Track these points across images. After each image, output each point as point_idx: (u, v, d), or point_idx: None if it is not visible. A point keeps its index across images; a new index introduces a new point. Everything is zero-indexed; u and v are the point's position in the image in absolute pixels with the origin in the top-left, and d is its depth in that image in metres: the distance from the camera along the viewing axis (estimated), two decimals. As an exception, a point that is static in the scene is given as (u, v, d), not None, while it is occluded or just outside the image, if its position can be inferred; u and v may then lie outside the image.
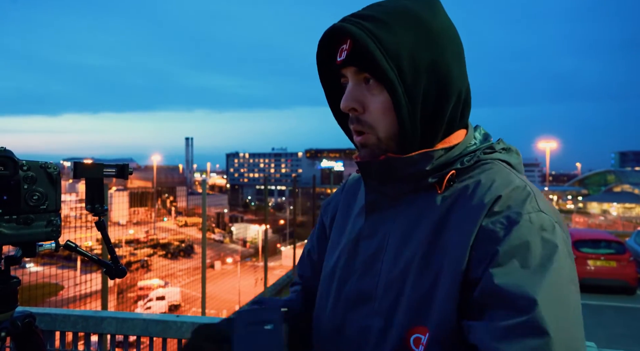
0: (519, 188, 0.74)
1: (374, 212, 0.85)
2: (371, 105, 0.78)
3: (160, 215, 20.92)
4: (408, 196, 0.81)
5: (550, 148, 36.17)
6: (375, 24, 0.75)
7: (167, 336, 1.75)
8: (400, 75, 0.73)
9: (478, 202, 0.73)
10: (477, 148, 0.81)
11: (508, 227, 0.69)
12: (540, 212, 0.71)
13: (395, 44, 0.73)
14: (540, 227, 0.69)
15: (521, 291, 0.64)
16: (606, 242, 11.09)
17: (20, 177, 0.94)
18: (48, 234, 0.98)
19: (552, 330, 0.61)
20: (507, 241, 0.68)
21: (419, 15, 0.76)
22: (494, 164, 0.79)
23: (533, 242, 0.67)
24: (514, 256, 0.67)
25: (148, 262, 14.74)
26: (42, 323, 1.80)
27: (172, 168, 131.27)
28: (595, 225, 35.63)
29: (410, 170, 0.78)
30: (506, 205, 0.71)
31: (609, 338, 7.42)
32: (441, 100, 0.77)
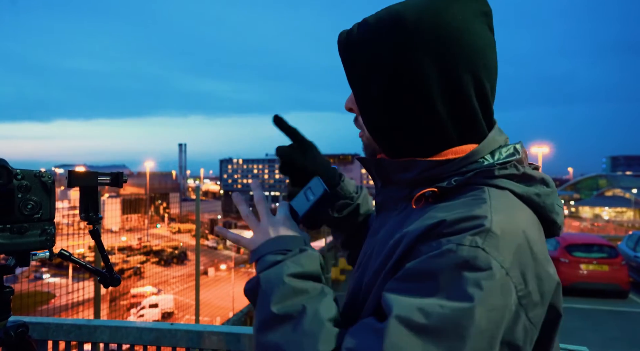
0: (476, 218, 0.61)
1: (381, 213, 0.88)
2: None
3: (153, 222, 20.80)
4: (403, 202, 0.80)
5: (543, 152, 36.41)
6: (358, 32, 0.77)
7: (161, 345, 1.74)
8: (366, 85, 0.76)
9: (421, 225, 0.65)
10: (479, 168, 0.70)
11: (429, 251, 0.60)
12: (479, 249, 0.58)
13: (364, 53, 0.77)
14: (464, 264, 0.57)
15: (393, 299, 0.59)
16: (598, 246, 11.16)
17: (14, 186, 0.94)
18: (42, 243, 0.98)
19: (387, 344, 0.55)
20: (418, 262, 0.60)
21: (405, 18, 0.73)
22: (484, 191, 0.67)
23: (442, 273, 0.58)
24: (413, 277, 0.60)
25: (141, 269, 14.61)
26: (34, 332, 1.78)
27: (165, 174, 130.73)
28: (587, 229, 35.85)
29: (400, 175, 0.77)
30: (447, 231, 0.61)
31: (602, 341, 7.45)
32: (414, 106, 0.71)
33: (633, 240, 12.62)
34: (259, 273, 0.75)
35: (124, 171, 1.14)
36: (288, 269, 0.72)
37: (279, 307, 0.69)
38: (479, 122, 0.73)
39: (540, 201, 0.70)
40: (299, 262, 0.73)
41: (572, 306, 9.84)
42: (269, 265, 0.74)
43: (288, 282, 0.71)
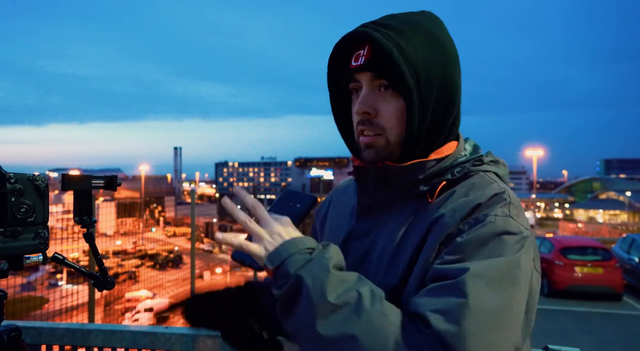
0: (497, 195, 0.77)
1: (367, 215, 0.89)
2: (384, 111, 0.82)
3: (148, 226, 20.69)
4: (400, 202, 0.85)
5: (537, 156, 36.58)
6: (397, 33, 0.78)
7: (156, 348, 1.73)
8: (418, 85, 0.78)
9: (459, 210, 0.77)
10: (467, 160, 0.85)
11: (473, 225, 0.74)
12: (510, 217, 0.74)
13: (415, 55, 0.78)
14: (503, 230, 0.72)
15: (458, 265, 0.70)
16: (593, 249, 11.21)
17: (8, 189, 0.94)
18: (36, 247, 0.98)
19: (471, 296, 0.65)
20: (466, 235, 0.73)
21: (432, 31, 0.81)
22: (481, 176, 0.83)
23: (490, 240, 0.72)
24: (467, 247, 0.72)
25: (136, 273, 14.53)
26: (27, 336, 1.77)
27: (160, 178, 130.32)
28: (581, 232, 36.02)
29: (404, 178, 0.83)
30: (478, 208, 0.76)
31: (596, 344, 7.48)
32: (446, 113, 0.82)
33: (627, 242, 12.68)
34: (294, 272, 0.70)
35: (119, 175, 1.14)
36: (329, 262, 0.71)
37: (335, 297, 0.68)
38: (458, 123, 0.87)
39: (507, 180, 0.88)
40: (331, 255, 0.73)
41: (566, 308, 9.87)
42: (304, 263, 0.71)
43: (334, 273, 0.70)
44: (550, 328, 8.31)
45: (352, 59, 0.84)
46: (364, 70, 0.82)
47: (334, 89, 0.93)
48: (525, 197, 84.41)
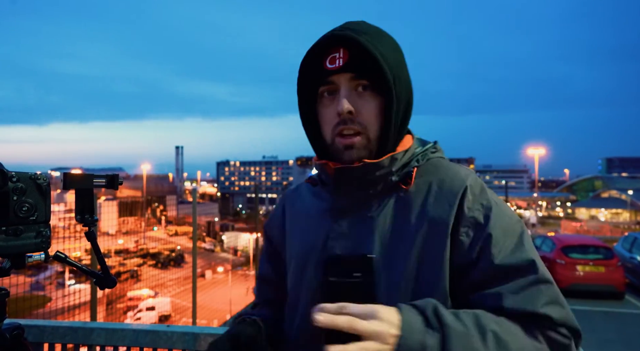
0: (475, 179, 0.89)
1: (344, 215, 0.91)
2: (364, 110, 0.86)
3: (150, 225, 20.71)
4: (377, 198, 0.90)
5: (539, 154, 36.51)
6: (372, 37, 0.84)
7: (158, 347, 1.74)
8: (395, 85, 0.84)
9: (448, 193, 0.86)
10: (425, 149, 0.95)
11: (485, 212, 0.84)
12: (494, 194, 0.89)
13: (389, 57, 0.84)
14: (502, 206, 0.87)
15: (523, 259, 0.80)
16: (594, 248, 11.18)
17: (9, 188, 0.94)
18: (37, 245, 0.98)
19: (549, 277, 0.81)
20: (490, 224, 0.82)
21: (393, 38, 0.91)
22: (440, 161, 0.94)
23: (506, 219, 0.84)
24: (502, 234, 0.82)
25: (138, 272, 14.56)
26: (30, 335, 1.78)
27: (162, 177, 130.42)
28: (583, 231, 35.96)
29: (380, 172, 0.88)
30: (474, 194, 0.85)
31: (598, 343, 7.48)
32: (408, 111, 0.91)
33: (629, 241, 12.66)
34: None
35: (121, 174, 1.14)
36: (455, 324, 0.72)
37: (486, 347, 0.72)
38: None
39: None
40: (450, 317, 0.73)
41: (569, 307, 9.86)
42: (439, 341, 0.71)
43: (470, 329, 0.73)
44: (551, 326, 8.29)
45: (325, 62, 0.87)
46: (343, 71, 0.85)
47: (303, 93, 0.95)
48: (527, 195, 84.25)
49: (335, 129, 0.88)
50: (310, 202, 1.01)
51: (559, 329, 0.77)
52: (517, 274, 0.79)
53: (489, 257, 0.80)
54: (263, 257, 1.12)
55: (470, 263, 0.81)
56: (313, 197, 1.01)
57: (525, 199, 75.72)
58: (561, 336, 0.77)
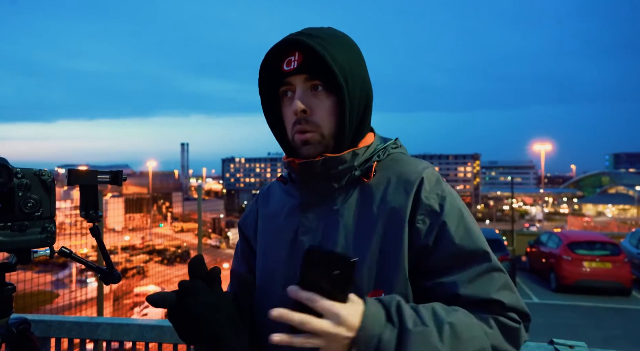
0: (432, 171, 0.94)
1: (311, 209, 0.96)
2: (318, 109, 0.92)
3: (156, 221, 20.81)
4: (341, 191, 0.95)
5: (545, 150, 36.31)
6: (324, 41, 0.89)
7: (163, 342, 1.75)
8: (346, 84, 0.89)
9: (404, 183, 0.91)
10: (385, 145, 1.00)
11: (441, 201, 0.89)
12: (448, 186, 0.94)
13: (341, 58, 0.89)
14: (456, 197, 0.93)
15: (477, 248, 0.86)
16: (601, 244, 11.14)
17: (15, 184, 0.95)
18: (42, 241, 0.99)
19: (500, 266, 0.87)
20: (446, 212, 0.88)
21: (348, 40, 0.95)
22: (400, 155, 1.00)
23: (460, 208, 0.90)
24: (456, 222, 0.87)
25: (144, 268, 14.64)
26: (37, 329, 1.80)
27: (167, 174, 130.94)
28: (590, 227, 35.76)
29: (342, 166, 0.93)
30: (430, 184, 0.91)
31: (604, 339, 7.45)
32: (367, 108, 0.96)
33: (636, 237, 12.58)
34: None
35: (127, 171, 1.15)
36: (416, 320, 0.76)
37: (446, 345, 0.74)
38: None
39: None
40: (409, 312, 0.77)
41: (574, 303, 9.83)
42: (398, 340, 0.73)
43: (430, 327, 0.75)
44: (557, 323, 8.28)
45: (283, 64, 0.93)
46: (298, 73, 0.91)
47: (264, 94, 1.01)
48: (534, 191, 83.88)
49: (293, 127, 0.94)
50: (281, 200, 1.06)
51: (509, 314, 0.83)
52: (471, 262, 0.85)
53: (444, 244, 0.85)
54: (236, 253, 1.17)
55: (426, 249, 0.86)
56: (284, 194, 1.06)
57: (531, 195, 75.37)
58: (511, 321, 0.82)
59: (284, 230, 1.00)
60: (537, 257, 12.89)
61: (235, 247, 1.20)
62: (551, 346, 1.44)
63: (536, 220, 40.71)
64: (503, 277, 0.85)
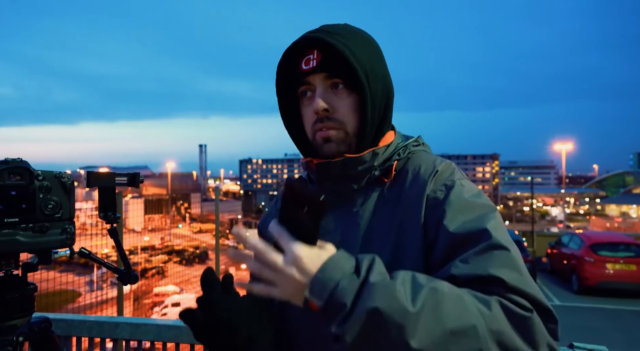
0: (447, 164, 0.90)
1: (329, 211, 0.93)
2: (340, 106, 0.90)
3: (175, 222, 21.08)
4: (360, 192, 0.92)
5: (567, 149, 35.66)
6: (343, 37, 0.87)
7: (180, 342, 1.78)
8: (367, 81, 0.87)
9: (421, 180, 0.88)
10: (406, 143, 0.97)
11: (446, 191, 0.84)
12: (465, 179, 0.89)
13: (361, 55, 0.87)
14: (468, 188, 0.86)
15: (475, 227, 0.77)
16: (625, 245, 10.88)
17: (36, 186, 0.98)
18: (63, 242, 1.02)
19: (507, 244, 0.75)
20: (448, 201, 0.82)
21: (367, 36, 0.93)
22: (420, 153, 0.96)
23: (467, 197, 0.83)
24: (458, 211, 0.81)
25: (163, 269, 14.86)
26: (58, 328, 1.84)
27: (186, 175, 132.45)
28: (614, 228, 34.95)
29: (362, 167, 0.90)
30: (440, 176, 0.87)
31: (628, 342, 7.27)
32: (387, 106, 0.94)
33: (661, 238, 12.26)
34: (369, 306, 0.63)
35: (146, 172, 1.17)
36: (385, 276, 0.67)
37: (414, 306, 0.63)
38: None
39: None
40: (382, 270, 0.68)
41: (597, 306, 9.62)
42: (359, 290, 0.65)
43: (399, 286, 0.65)
44: (579, 325, 8.11)
45: (301, 63, 0.91)
46: (317, 71, 0.89)
47: (282, 94, 0.99)
48: (555, 191, 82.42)
49: (314, 127, 0.92)
50: None
51: (514, 297, 0.69)
52: (468, 243, 0.75)
53: (441, 234, 0.78)
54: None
55: (431, 243, 0.80)
56: None
57: (552, 195, 74.05)
58: (518, 306, 0.68)
59: None
60: (558, 258, 12.65)
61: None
62: (571, 349, 1.42)
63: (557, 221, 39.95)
64: (507, 255, 0.73)
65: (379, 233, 0.87)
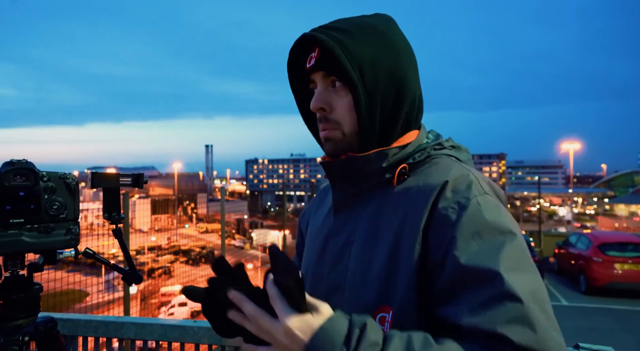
0: (463, 175, 0.81)
1: (341, 210, 0.93)
2: (337, 105, 0.87)
3: (181, 222, 21.18)
4: (369, 192, 0.89)
5: (574, 149, 35.41)
6: (341, 33, 0.84)
7: (185, 341, 1.78)
8: (362, 78, 0.83)
9: (426, 189, 0.81)
10: (427, 145, 0.90)
11: (459, 212, 0.75)
12: (486, 194, 0.78)
13: (359, 52, 0.83)
14: (487, 208, 0.75)
15: (485, 267, 0.69)
16: (634, 245, 10.77)
17: (41, 187, 0.98)
18: (67, 242, 1.02)
19: (522, 293, 0.66)
20: (460, 225, 0.73)
21: (381, 30, 0.87)
22: (443, 158, 0.88)
23: (483, 222, 0.73)
24: (470, 238, 0.72)
25: (170, 268, 14.91)
26: (64, 328, 1.86)
27: (192, 175, 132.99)
28: (622, 228, 34.66)
29: (368, 167, 0.87)
30: (453, 191, 0.78)
31: (637, 343, 7.20)
32: (398, 103, 0.86)
33: (671, 238, 12.13)
34: None
35: (153, 173, 1.18)
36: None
37: None
38: (420, 114, 0.93)
39: (470, 164, 0.91)
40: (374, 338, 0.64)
41: (605, 306, 9.54)
42: None
43: None
44: (587, 326, 8.05)
45: (306, 61, 0.90)
46: (316, 69, 0.88)
47: (299, 92, 0.99)
48: (562, 191, 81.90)
49: (318, 126, 0.91)
50: (329, 199, 1.03)
51: None
52: (478, 286, 0.68)
53: (449, 263, 0.71)
54: (296, 248, 1.17)
55: (434, 267, 0.74)
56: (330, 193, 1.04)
57: (559, 195, 73.58)
58: None
59: (322, 229, 0.97)
60: (565, 259, 12.56)
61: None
62: (576, 350, 1.41)
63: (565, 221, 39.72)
64: (519, 308, 0.64)
65: (373, 241, 0.84)
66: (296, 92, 0.99)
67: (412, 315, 0.75)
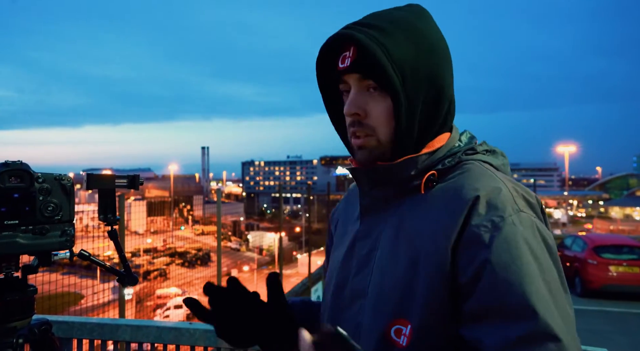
0: (497, 189, 0.75)
1: (368, 215, 0.89)
2: (373, 111, 0.81)
3: (177, 224, 21.12)
4: (397, 198, 0.85)
5: (570, 152, 35.56)
6: (381, 33, 0.77)
7: (181, 344, 1.78)
8: (404, 84, 0.77)
9: (457, 202, 0.75)
10: (458, 150, 0.84)
11: (493, 232, 0.70)
12: (521, 212, 0.73)
13: (400, 54, 0.77)
14: (523, 228, 0.71)
15: (521, 301, 0.65)
16: (629, 248, 10.83)
17: (36, 189, 0.98)
18: (62, 244, 1.02)
19: (560, 332, 0.63)
20: (494, 248, 0.69)
21: (417, 26, 0.81)
22: (475, 165, 0.82)
23: (518, 245, 0.69)
24: (503, 262, 0.68)
25: (166, 271, 14.87)
26: (59, 330, 1.84)
27: (188, 177, 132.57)
28: (617, 231, 34.79)
29: (396, 175, 0.83)
30: (487, 207, 0.73)
31: (632, 345, 7.23)
32: (436, 109, 0.82)
33: (666, 241, 12.19)
34: None
35: (149, 174, 1.17)
36: None
37: None
38: (452, 116, 0.87)
39: (506, 170, 0.87)
40: None
41: (601, 309, 9.56)
42: None
43: None
44: (583, 328, 8.04)
45: (339, 60, 0.83)
46: (351, 71, 0.81)
47: (326, 91, 0.93)
48: (557, 194, 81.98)
49: (349, 129, 0.86)
50: (357, 201, 0.99)
51: None
52: (509, 321, 0.65)
53: (480, 289, 0.68)
54: (325, 251, 1.14)
55: (462, 288, 0.71)
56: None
57: (555, 198, 73.79)
58: None
59: (349, 233, 0.94)
60: (561, 261, 12.59)
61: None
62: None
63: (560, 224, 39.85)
64: (557, 347, 0.62)
65: (395, 251, 0.81)
66: (323, 90, 0.93)
67: (434, 333, 0.72)
